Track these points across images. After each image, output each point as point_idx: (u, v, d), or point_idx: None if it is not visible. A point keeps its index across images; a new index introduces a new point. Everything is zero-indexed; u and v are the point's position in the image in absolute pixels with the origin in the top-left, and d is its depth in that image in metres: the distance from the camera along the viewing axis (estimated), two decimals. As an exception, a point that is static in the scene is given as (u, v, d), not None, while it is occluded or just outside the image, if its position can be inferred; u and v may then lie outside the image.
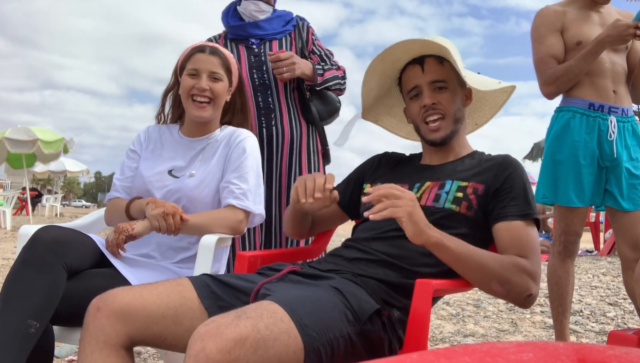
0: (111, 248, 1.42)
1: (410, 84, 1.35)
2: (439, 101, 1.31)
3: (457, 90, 1.34)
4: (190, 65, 1.60)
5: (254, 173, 1.62)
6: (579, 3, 2.21)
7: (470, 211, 1.24)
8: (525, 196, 1.23)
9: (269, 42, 2.14)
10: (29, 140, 9.84)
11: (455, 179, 1.29)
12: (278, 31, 2.16)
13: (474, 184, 1.26)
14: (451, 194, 1.26)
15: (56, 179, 19.60)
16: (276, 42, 2.15)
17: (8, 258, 5.43)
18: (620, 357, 0.44)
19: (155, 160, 1.67)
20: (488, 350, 0.45)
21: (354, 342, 1.02)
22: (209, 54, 1.61)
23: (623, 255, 2.13)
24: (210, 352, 0.83)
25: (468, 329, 2.96)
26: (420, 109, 1.33)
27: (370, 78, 1.40)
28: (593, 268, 5.64)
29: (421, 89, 1.33)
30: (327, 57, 2.20)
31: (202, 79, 1.59)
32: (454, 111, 1.33)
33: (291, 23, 2.20)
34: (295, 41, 2.18)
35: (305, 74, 2.06)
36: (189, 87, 1.59)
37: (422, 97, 1.32)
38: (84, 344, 1.03)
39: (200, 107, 1.60)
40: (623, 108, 2.16)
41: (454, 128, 1.34)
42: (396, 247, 1.23)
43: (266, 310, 0.92)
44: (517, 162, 1.30)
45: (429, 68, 1.32)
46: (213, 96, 1.61)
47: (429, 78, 1.32)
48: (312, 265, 1.29)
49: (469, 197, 1.25)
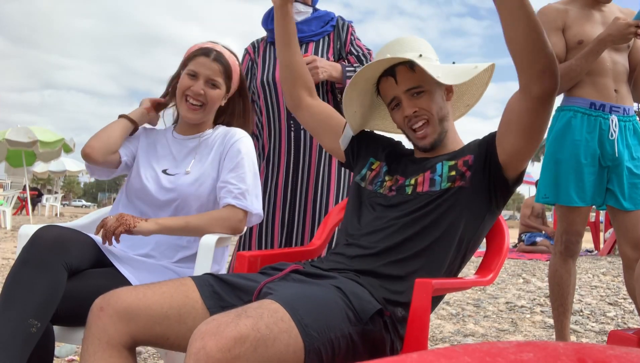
0: (106, 233, 1.40)
1: (388, 97, 1.36)
2: (420, 106, 1.31)
3: (435, 90, 1.33)
4: (192, 66, 1.61)
5: (251, 173, 1.63)
6: (581, 2, 2.21)
7: (464, 180, 1.24)
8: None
9: (305, 45, 2.11)
10: (29, 141, 9.84)
11: (444, 160, 1.30)
12: (316, 33, 2.11)
13: (462, 158, 1.27)
14: (445, 175, 1.27)
15: (56, 179, 19.62)
16: (312, 44, 2.12)
17: (8, 258, 5.43)
18: (620, 357, 0.44)
19: (149, 160, 1.68)
20: (488, 350, 0.45)
21: (355, 341, 1.02)
22: (212, 60, 1.61)
23: (624, 254, 2.13)
24: (210, 350, 0.83)
25: (468, 329, 2.96)
26: (404, 118, 1.34)
27: (349, 104, 1.40)
28: (593, 268, 5.64)
29: (399, 99, 1.33)
30: (365, 57, 2.13)
31: (199, 83, 1.60)
32: (436, 112, 1.32)
33: (330, 23, 2.14)
34: (333, 42, 2.13)
35: (333, 77, 2.01)
36: (185, 88, 1.60)
37: (402, 108, 1.33)
38: (86, 344, 1.03)
39: (192, 109, 1.62)
40: (624, 107, 2.16)
41: (441, 129, 1.33)
42: (394, 237, 1.24)
43: (267, 309, 0.92)
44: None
45: (402, 77, 1.31)
46: (206, 101, 1.62)
47: (403, 87, 1.31)
48: (314, 264, 1.29)
49: (460, 170, 1.26)
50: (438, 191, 1.25)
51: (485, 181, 1.25)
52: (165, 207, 1.60)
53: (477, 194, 1.25)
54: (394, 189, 1.32)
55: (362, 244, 1.27)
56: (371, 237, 1.27)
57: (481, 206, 1.26)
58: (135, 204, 1.64)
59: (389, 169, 1.39)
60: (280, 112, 2.09)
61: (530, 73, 1.09)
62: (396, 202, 1.30)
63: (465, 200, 1.24)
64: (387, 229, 1.26)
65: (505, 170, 1.23)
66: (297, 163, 2.07)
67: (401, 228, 1.24)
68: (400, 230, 1.24)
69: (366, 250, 1.25)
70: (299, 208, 2.07)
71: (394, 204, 1.29)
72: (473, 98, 1.48)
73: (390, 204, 1.30)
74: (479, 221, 1.26)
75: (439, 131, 1.33)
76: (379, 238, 1.25)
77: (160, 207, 1.60)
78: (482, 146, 1.27)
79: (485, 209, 1.27)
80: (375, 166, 1.42)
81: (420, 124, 1.32)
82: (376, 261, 1.22)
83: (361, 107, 1.45)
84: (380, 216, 1.29)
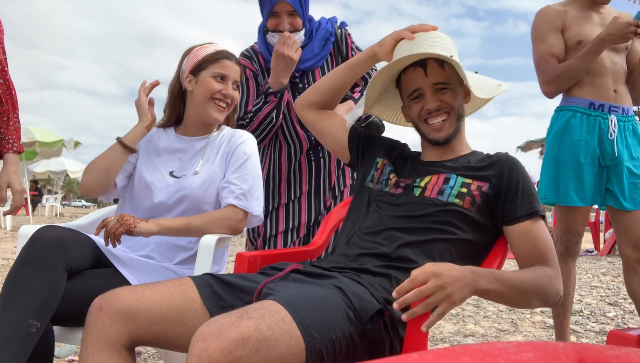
0: (108, 234, 1.40)
1: (411, 86, 1.35)
2: (442, 100, 1.32)
3: (457, 89, 1.35)
4: (219, 69, 1.62)
5: (254, 175, 1.63)
6: (580, 3, 2.22)
7: (473, 206, 1.26)
8: (530, 193, 1.27)
9: (311, 73, 2.01)
10: (27, 142, 9.84)
11: (459, 175, 1.30)
12: (318, 58, 1.99)
13: (477, 182, 1.28)
14: (455, 189, 1.28)
15: (56, 179, 19.60)
16: (318, 70, 2.01)
17: (8, 258, 5.43)
18: (620, 357, 0.44)
19: (154, 163, 1.66)
20: (488, 350, 0.45)
21: (356, 341, 1.02)
22: (235, 63, 1.66)
23: (625, 254, 2.13)
24: (212, 352, 0.83)
25: (468, 329, 2.96)
26: (421, 110, 1.34)
27: (374, 84, 1.41)
28: (593, 268, 5.63)
29: (423, 91, 1.33)
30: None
31: (229, 86, 1.64)
32: (457, 109, 1.34)
33: (329, 42, 2.01)
34: (335, 59, 2.04)
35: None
36: (215, 91, 1.61)
37: (425, 100, 1.33)
38: (85, 344, 1.03)
39: (221, 110, 1.64)
40: (623, 107, 2.16)
41: (456, 126, 1.35)
42: (396, 239, 1.24)
43: (268, 310, 0.92)
44: (516, 160, 1.33)
45: (432, 71, 1.32)
46: (232, 102, 1.67)
47: (431, 80, 1.32)
48: (314, 264, 1.29)
49: (473, 193, 1.27)
50: (444, 201, 1.26)
51: (490, 216, 1.28)
52: (173, 210, 1.59)
53: (481, 218, 1.27)
54: (402, 187, 1.33)
55: (364, 243, 1.27)
56: (374, 237, 1.27)
57: (483, 228, 1.28)
58: (138, 210, 1.61)
59: (394, 169, 1.41)
60: (302, 147, 2.01)
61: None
62: (401, 202, 1.30)
63: (469, 221, 1.26)
64: (390, 230, 1.26)
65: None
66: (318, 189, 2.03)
67: (403, 230, 1.25)
68: (403, 232, 1.24)
69: (368, 249, 1.25)
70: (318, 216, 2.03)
71: (399, 204, 1.30)
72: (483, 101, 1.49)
73: (396, 203, 1.31)
74: (480, 236, 1.28)
75: (454, 127, 1.35)
76: (381, 239, 1.26)
77: (167, 211, 1.59)
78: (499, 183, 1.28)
79: (486, 232, 1.29)
80: (379, 164, 1.43)
81: (440, 120, 1.33)
82: (378, 261, 1.22)
83: (380, 90, 1.47)
84: (385, 216, 1.30)
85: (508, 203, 1.26)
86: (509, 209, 1.26)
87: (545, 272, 1.19)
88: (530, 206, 1.25)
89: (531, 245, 1.23)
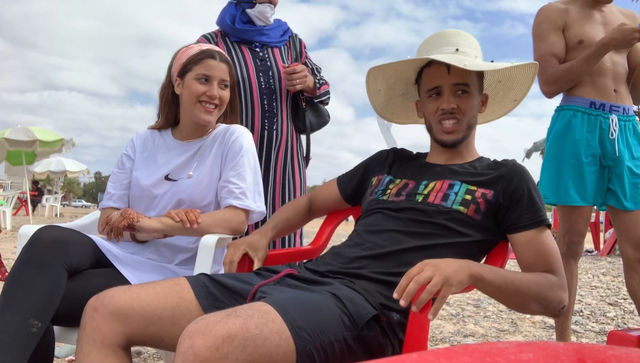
0: (110, 228, 1.40)
1: (432, 83, 1.36)
2: (458, 105, 1.32)
3: (476, 95, 1.36)
4: (202, 70, 1.58)
5: (251, 170, 1.62)
6: (581, 1, 2.21)
7: (477, 214, 1.26)
8: (537, 202, 1.26)
9: (271, 49, 2.22)
10: (28, 140, 9.84)
11: (464, 182, 1.30)
12: (278, 40, 2.24)
13: (482, 190, 1.28)
14: (460, 196, 1.27)
15: (56, 179, 19.59)
16: (277, 50, 2.23)
17: (8, 258, 5.42)
18: (620, 357, 0.44)
19: (150, 167, 1.65)
20: (488, 350, 0.45)
21: (351, 346, 1.01)
22: (220, 61, 1.60)
23: (625, 254, 2.13)
24: (198, 348, 0.83)
25: (468, 329, 2.96)
26: (437, 110, 1.34)
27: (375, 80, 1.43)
28: (593, 268, 5.63)
29: (442, 89, 1.33)
30: (318, 71, 2.31)
31: (214, 87, 1.59)
32: (469, 118, 1.35)
33: (287, 34, 2.29)
34: (290, 51, 2.29)
35: (309, 87, 2.17)
36: (200, 93, 1.58)
37: (442, 100, 1.33)
38: (81, 344, 1.03)
39: (209, 112, 1.60)
40: (624, 107, 2.16)
41: (466, 133, 1.36)
42: (395, 243, 1.24)
43: (257, 310, 0.92)
44: (523, 168, 1.32)
45: (455, 69, 1.31)
46: (220, 102, 1.62)
47: (453, 80, 1.32)
48: (309, 267, 1.28)
49: (477, 201, 1.26)
50: (448, 208, 1.26)
51: (495, 223, 1.28)
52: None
53: (485, 224, 1.27)
54: (403, 194, 1.33)
55: (364, 244, 1.27)
56: (374, 236, 1.27)
57: (489, 236, 1.28)
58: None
59: (394, 175, 1.41)
60: (254, 111, 2.12)
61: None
62: (403, 207, 1.30)
63: (471, 228, 1.26)
64: (392, 232, 1.26)
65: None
66: (268, 161, 2.14)
67: (406, 233, 1.25)
68: (405, 235, 1.24)
69: (367, 251, 1.24)
70: (268, 205, 2.12)
71: (401, 209, 1.30)
72: (520, 93, 1.48)
73: (397, 208, 1.31)
74: (482, 242, 1.28)
75: (464, 133, 1.36)
76: (382, 239, 1.25)
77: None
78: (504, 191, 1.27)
79: (489, 239, 1.29)
80: (375, 181, 1.44)
81: (452, 122, 1.34)
82: (375, 265, 1.21)
83: (386, 87, 1.48)
84: (387, 218, 1.29)
85: (514, 211, 1.25)
86: (515, 218, 1.25)
87: (549, 279, 1.18)
88: (537, 215, 1.24)
89: (536, 254, 1.22)
